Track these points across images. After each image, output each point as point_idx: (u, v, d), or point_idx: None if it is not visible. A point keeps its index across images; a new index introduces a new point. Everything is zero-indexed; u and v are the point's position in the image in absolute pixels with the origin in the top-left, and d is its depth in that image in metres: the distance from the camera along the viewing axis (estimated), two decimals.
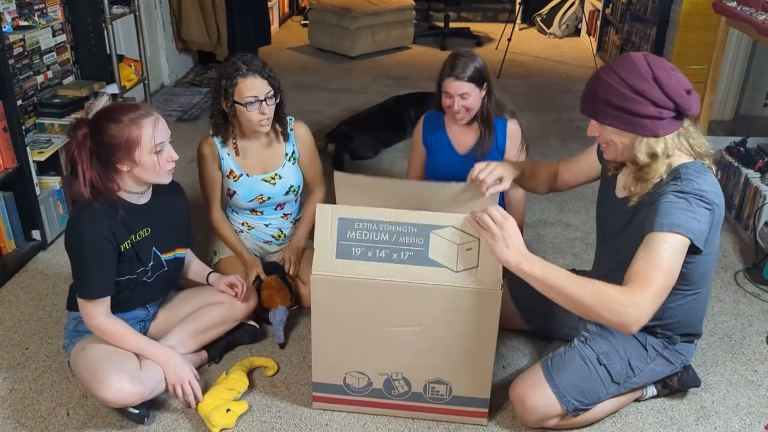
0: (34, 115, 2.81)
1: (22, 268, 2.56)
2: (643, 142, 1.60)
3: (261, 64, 2.13)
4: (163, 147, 1.77)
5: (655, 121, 1.57)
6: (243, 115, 2.13)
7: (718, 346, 2.20)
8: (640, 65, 1.56)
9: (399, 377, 1.79)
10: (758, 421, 1.89)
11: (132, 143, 1.71)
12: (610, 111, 1.60)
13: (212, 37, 4.93)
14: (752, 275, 2.57)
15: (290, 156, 2.32)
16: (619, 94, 1.57)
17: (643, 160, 1.61)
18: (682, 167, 1.61)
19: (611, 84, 1.58)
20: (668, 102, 1.55)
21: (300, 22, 6.90)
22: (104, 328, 1.81)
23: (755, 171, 2.87)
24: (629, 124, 1.59)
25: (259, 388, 1.99)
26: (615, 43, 5.39)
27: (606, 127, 1.63)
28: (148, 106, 1.80)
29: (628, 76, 1.56)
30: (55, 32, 2.94)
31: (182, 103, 4.49)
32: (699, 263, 1.67)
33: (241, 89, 2.09)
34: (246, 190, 2.27)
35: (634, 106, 1.56)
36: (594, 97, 1.62)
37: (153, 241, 1.88)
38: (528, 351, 2.16)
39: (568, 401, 1.74)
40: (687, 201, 1.55)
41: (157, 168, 1.76)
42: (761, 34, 2.72)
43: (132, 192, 1.81)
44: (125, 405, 1.77)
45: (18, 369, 2.05)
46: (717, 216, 1.60)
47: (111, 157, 1.72)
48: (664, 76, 1.55)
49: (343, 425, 1.85)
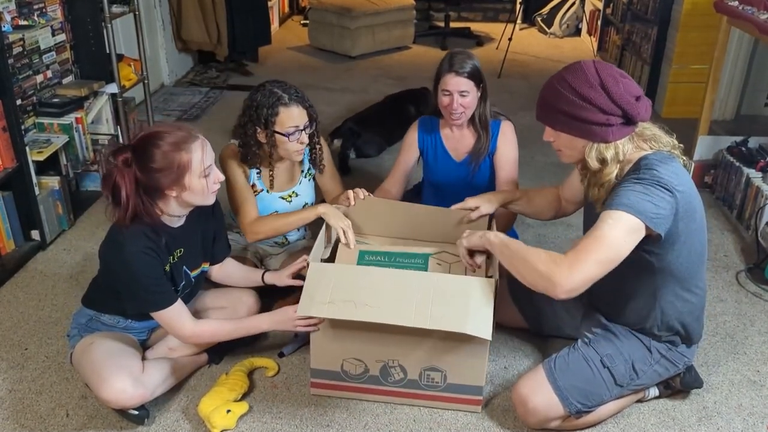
0: (33, 115, 2.80)
1: (21, 269, 2.55)
2: (594, 147, 1.62)
3: (301, 94, 2.10)
4: (211, 170, 1.74)
5: (604, 127, 1.59)
6: (282, 145, 2.09)
7: (720, 347, 2.19)
8: (588, 72, 1.59)
9: (395, 364, 1.82)
10: (761, 421, 1.89)
11: (183, 168, 1.67)
12: (560, 118, 1.63)
13: (212, 36, 4.92)
14: (754, 275, 2.56)
15: (306, 172, 2.30)
16: (567, 101, 1.60)
17: (594, 165, 1.64)
18: (643, 159, 1.62)
19: (561, 91, 1.61)
20: (615, 108, 1.57)
21: (300, 22, 6.89)
22: (197, 334, 1.83)
23: (757, 171, 2.86)
24: (579, 130, 1.62)
25: (259, 388, 1.98)
26: (616, 43, 5.38)
27: (559, 133, 1.67)
28: (191, 128, 1.75)
29: (576, 83, 1.59)
30: (55, 32, 2.93)
31: (182, 103, 4.48)
32: (680, 257, 1.66)
33: (283, 119, 2.05)
34: (262, 206, 2.23)
35: (582, 113, 1.59)
36: (545, 103, 1.66)
37: (184, 261, 1.86)
38: (530, 351, 2.15)
39: (571, 403, 1.73)
40: (642, 185, 1.56)
41: (205, 191, 1.73)
42: (763, 34, 2.71)
43: (173, 215, 1.78)
44: (125, 406, 1.76)
45: (17, 369, 2.04)
46: (682, 202, 1.58)
47: (159, 184, 1.68)
48: (611, 82, 1.57)
49: (344, 426, 1.84)
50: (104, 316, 1.89)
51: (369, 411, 1.90)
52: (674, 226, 1.59)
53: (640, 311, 1.78)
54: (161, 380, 1.84)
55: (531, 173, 3.43)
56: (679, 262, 1.68)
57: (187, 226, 1.85)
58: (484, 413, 1.90)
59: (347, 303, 1.70)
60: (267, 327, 1.92)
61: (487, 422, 1.87)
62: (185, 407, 1.90)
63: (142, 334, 1.98)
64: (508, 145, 2.39)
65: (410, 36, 6.06)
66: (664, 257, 1.65)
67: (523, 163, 3.81)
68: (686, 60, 4.15)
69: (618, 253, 1.54)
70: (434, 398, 1.87)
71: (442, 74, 2.24)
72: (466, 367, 1.81)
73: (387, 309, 1.69)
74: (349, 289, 1.73)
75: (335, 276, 1.78)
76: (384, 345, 1.80)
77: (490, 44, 6.21)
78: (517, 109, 4.29)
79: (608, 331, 1.83)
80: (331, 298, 1.71)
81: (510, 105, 4.39)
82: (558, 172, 3.46)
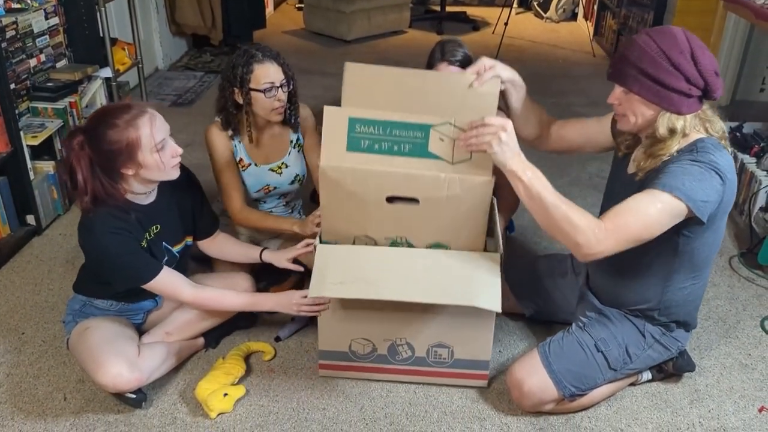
0: (27, 99, 2.78)
1: (17, 253, 2.55)
2: (666, 116, 1.57)
3: (275, 52, 2.11)
4: (164, 144, 1.72)
5: (682, 97, 1.55)
6: (258, 103, 2.10)
7: (713, 330, 2.21)
8: (679, 38, 1.53)
9: (403, 342, 1.83)
10: (752, 404, 1.91)
11: (133, 146, 1.66)
12: (641, 79, 1.55)
13: (206, 20, 4.88)
14: (747, 260, 2.58)
15: (295, 143, 2.31)
16: (653, 63, 1.53)
17: (663, 133, 1.58)
18: (699, 141, 1.58)
19: (647, 52, 1.53)
20: (699, 80, 1.53)
21: (295, 6, 6.84)
22: (198, 299, 1.85)
23: (751, 156, 2.87)
24: (656, 96, 1.55)
25: (256, 372, 1.99)
26: (612, 27, 5.36)
27: (631, 95, 1.59)
28: (141, 104, 1.75)
29: (666, 47, 1.52)
30: (48, 15, 2.91)
31: (177, 88, 4.45)
32: (704, 244, 1.66)
33: (258, 75, 2.06)
34: (254, 180, 2.25)
35: (666, 78, 1.53)
36: (626, 62, 1.57)
37: (163, 237, 1.86)
38: (524, 336, 2.17)
39: (565, 387, 1.75)
40: (699, 168, 1.53)
41: (161, 166, 1.72)
42: (759, 19, 2.71)
43: (139, 193, 1.78)
44: (122, 390, 1.77)
45: (14, 354, 2.05)
46: (728, 192, 1.58)
47: (114, 164, 1.67)
48: (700, 53, 1.52)
49: (340, 410, 1.86)
50: (97, 301, 1.90)
51: (365, 394, 1.92)
52: (713, 214, 1.58)
53: (645, 291, 1.77)
54: (157, 364, 1.85)
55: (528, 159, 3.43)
56: (702, 249, 1.68)
57: (160, 202, 1.84)
58: (479, 396, 1.92)
59: (358, 282, 1.70)
60: (269, 306, 1.94)
61: (481, 405, 1.89)
62: (182, 391, 1.91)
63: (138, 317, 1.99)
64: None
65: (406, 20, 6.03)
66: (692, 241, 1.64)
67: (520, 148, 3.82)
68: None
69: (653, 235, 1.54)
70: (441, 374, 1.88)
71: (435, 63, 2.23)
72: (473, 342, 1.82)
73: (397, 286, 1.69)
74: (358, 268, 1.74)
75: (343, 255, 1.78)
76: (391, 324, 1.81)
77: (486, 29, 6.18)
78: None
79: (602, 315, 1.84)
80: (342, 278, 1.71)
81: None
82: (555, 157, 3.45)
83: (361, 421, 1.83)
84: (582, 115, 1.73)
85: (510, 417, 1.85)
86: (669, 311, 1.78)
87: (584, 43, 5.71)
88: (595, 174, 3.27)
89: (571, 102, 4.18)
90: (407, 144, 1.69)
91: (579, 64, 5.23)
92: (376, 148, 1.70)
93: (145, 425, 1.80)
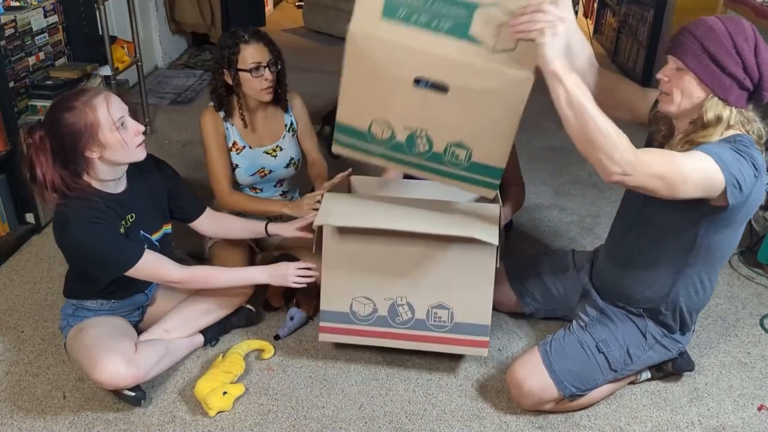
0: (26, 98, 2.78)
1: (16, 252, 2.55)
2: (714, 101, 1.55)
3: (262, 32, 2.14)
4: (124, 121, 1.70)
5: (734, 85, 1.53)
6: (247, 83, 2.12)
7: (712, 329, 2.21)
8: (746, 27, 1.53)
9: (404, 302, 1.83)
10: (751, 402, 1.91)
11: (92, 126, 1.64)
12: (701, 56, 1.53)
13: (206, 18, 4.88)
14: (746, 258, 2.58)
15: (289, 127, 2.32)
16: (718, 43, 1.51)
17: (710, 118, 1.55)
18: (738, 136, 1.57)
19: (715, 31, 1.52)
20: (756, 72, 1.52)
21: (295, 4, 6.84)
22: (189, 278, 1.85)
23: None
24: (711, 77, 1.53)
25: (255, 370, 1.99)
26: (612, 25, 5.36)
27: (684, 73, 1.56)
28: (96, 88, 1.76)
29: (734, 31, 1.51)
30: (47, 13, 2.90)
31: (176, 86, 4.45)
32: (722, 241, 1.65)
33: (245, 56, 2.09)
34: (248, 163, 2.26)
35: (726, 60, 1.51)
36: (690, 36, 1.54)
37: (140, 225, 1.86)
38: (524, 334, 2.17)
39: (566, 387, 1.75)
40: (739, 153, 1.51)
41: (125, 144, 1.69)
42: (759, 17, 2.71)
43: (107, 180, 1.76)
44: (119, 387, 1.77)
45: (14, 352, 2.05)
46: (757, 190, 1.56)
47: (76, 147, 1.65)
48: (763, 47, 1.53)
49: (339, 408, 1.86)
50: (87, 302, 1.89)
51: (364, 393, 1.92)
52: (738, 209, 1.57)
53: (654, 283, 1.76)
54: (155, 361, 1.85)
55: (527, 157, 3.42)
56: (719, 246, 1.66)
57: (131, 190, 1.84)
58: (478, 394, 1.92)
59: (362, 215, 1.74)
60: (263, 279, 1.93)
61: (480, 403, 1.89)
62: (181, 389, 1.91)
63: (133, 316, 1.99)
64: None
65: None
66: (711, 235, 1.62)
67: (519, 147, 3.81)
68: None
69: (678, 192, 1.48)
70: (442, 341, 1.87)
71: None
72: (472, 304, 1.81)
73: (401, 219, 1.73)
74: (363, 205, 1.79)
75: (350, 200, 1.81)
76: (392, 282, 1.81)
77: None
78: None
79: (604, 315, 1.84)
80: (347, 213, 1.76)
81: None
82: (555, 156, 3.46)
83: (360, 419, 1.83)
84: None
85: (509, 415, 1.85)
86: (675, 306, 1.77)
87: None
88: (594, 172, 3.26)
89: None
90: (448, 20, 1.50)
91: None
92: (414, 19, 1.51)
93: (144, 423, 1.80)
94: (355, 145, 1.70)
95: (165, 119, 3.91)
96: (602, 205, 2.99)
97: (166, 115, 3.98)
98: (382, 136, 1.66)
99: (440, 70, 1.53)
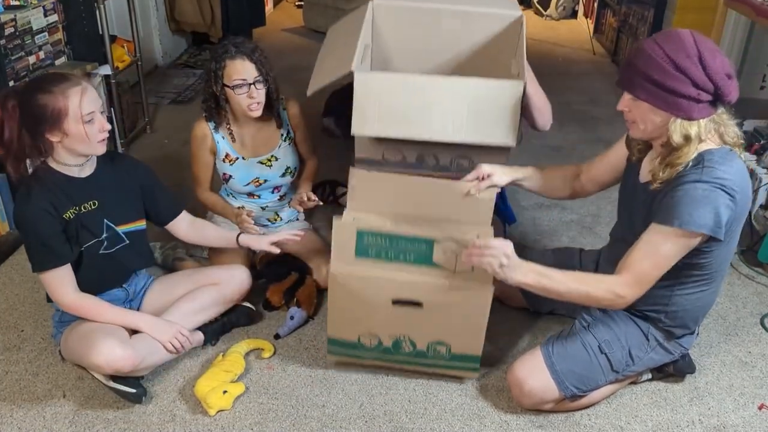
0: None
1: (16, 251, 2.55)
2: (678, 122, 1.54)
3: (251, 48, 2.11)
4: (93, 117, 1.73)
5: (691, 102, 1.51)
6: (233, 98, 2.12)
7: (713, 328, 2.21)
8: (686, 42, 1.50)
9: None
10: (752, 401, 1.91)
11: (59, 113, 1.69)
12: (647, 86, 1.53)
13: (206, 17, 4.88)
14: (747, 258, 2.58)
15: (285, 137, 2.31)
16: (660, 69, 1.50)
17: (678, 141, 1.54)
18: (707, 153, 1.55)
19: (654, 58, 1.51)
20: (709, 84, 1.49)
21: (295, 3, 6.84)
22: (77, 304, 1.83)
23: (751, 154, 2.86)
24: (665, 102, 1.53)
25: (255, 369, 1.99)
26: (612, 25, 5.36)
27: (640, 102, 1.57)
28: (78, 77, 1.78)
29: (672, 52, 1.50)
30: (47, 12, 2.90)
31: (176, 85, 4.45)
32: (718, 254, 1.64)
33: (230, 72, 2.07)
34: (242, 174, 2.26)
35: (673, 84, 1.50)
36: (633, 69, 1.55)
37: (103, 214, 1.87)
38: (524, 333, 2.17)
39: (567, 387, 1.75)
40: (705, 191, 1.51)
41: (86, 139, 1.73)
42: (760, 16, 2.71)
43: (68, 164, 1.79)
44: (117, 370, 1.77)
45: (13, 351, 2.04)
46: (740, 205, 1.55)
47: (39, 127, 1.70)
48: (710, 57, 1.49)
49: (339, 407, 1.86)
50: None
51: (365, 391, 1.91)
52: (728, 228, 1.56)
53: (652, 294, 1.72)
54: (151, 348, 1.85)
55: (526, 156, 3.43)
56: (716, 260, 1.66)
57: (98, 178, 1.86)
58: (478, 393, 1.92)
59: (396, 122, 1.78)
60: (145, 329, 1.87)
61: (481, 402, 1.89)
62: (182, 388, 1.91)
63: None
64: None
65: None
66: (707, 255, 1.62)
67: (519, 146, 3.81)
68: None
69: (671, 265, 1.58)
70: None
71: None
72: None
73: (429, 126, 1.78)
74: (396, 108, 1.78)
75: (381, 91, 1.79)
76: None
77: None
78: None
79: (607, 315, 1.82)
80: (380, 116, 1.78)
81: None
82: (554, 155, 3.46)
83: (360, 418, 1.83)
84: (581, 112, 1.73)
85: (509, 414, 1.85)
86: (675, 315, 1.76)
87: (584, 41, 5.71)
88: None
89: (570, 100, 4.17)
90: (413, 253, 1.79)
91: (579, 62, 5.23)
92: (383, 255, 1.80)
93: (144, 422, 1.80)
94: (348, 354, 1.94)
95: (165, 118, 3.91)
96: (602, 204, 2.98)
97: (166, 115, 3.98)
98: (371, 344, 1.90)
99: (413, 291, 1.80)
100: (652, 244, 1.55)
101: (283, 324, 2.13)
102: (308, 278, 2.24)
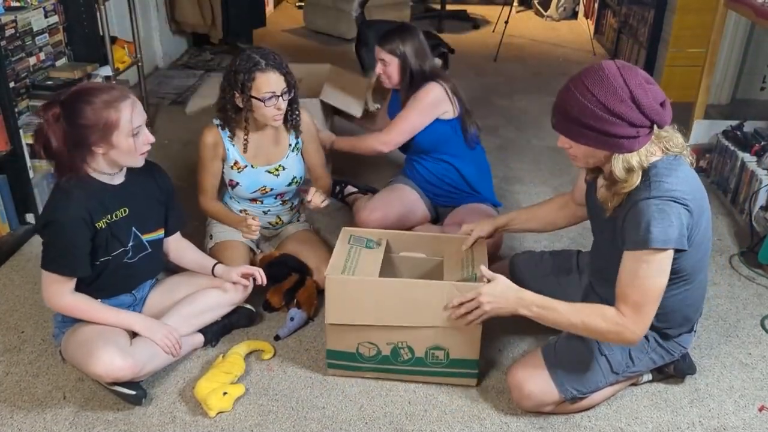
0: (26, 98, 2.78)
1: (16, 252, 2.55)
2: (620, 158, 1.55)
3: (279, 60, 2.11)
4: (140, 130, 1.75)
5: (631, 139, 1.53)
6: (259, 110, 2.11)
7: (713, 330, 2.21)
8: (615, 83, 1.49)
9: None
10: (752, 403, 1.91)
11: (110, 127, 1.69)
12: (585, 132, 1.54)
13: (206, 18, 4.88)
14: (747, 259, 2.58)
15: (294, 146, 2.31)
16: (595, 116, 1.51)
17: (621, 176, 1.56)
18: (651, 167, 1.57)
19: (587, 105, 1.51)
20: (645, 121, 1.51)
21: (295, 4, 6.84)
22: (71, 306, 1.82)
23: (752, 155, 2.87)
24: (605, 144, 1.55)
25: (255, 371, 1.99)
26: (612, 25, 5.36)
27: (580, 144, 1.59)
28: (123, 88, 1.78)
29: (604, 97, 1.49)
30: (47, 13, 2.90)
31: (177, 86, 4.45)
32: (688, 256, 1.64)
33: (260, 84, 2.06)
34: (249, 182, 2.25)
35: (611, 128, 1.51)
36: (567, 116, 1.56)
37: (132, 221, 1.87)
38: (524, 335, 2.16)
39: (567, 390, 1.75)
40: (658, 207, 1.52)
41: (133, 151, 1.75)
42: (760, 17, 2.71)
43: (104, 172, 1.80)
44: (117, 378, 1.77)
45: (14, 352, 2.04)
46: (696, 209, 1.57)
47: (87, 140, 1.70)
48: (641, 94, 1.49)
49: (339, 409, 1.86)
50: None
51: (365, 393, 1.91)
52: (690, 232, 1.57)
53: None
54: (151, 354, 1.85)
55: (527, 158, 3.43)
56: (686, 262, 1.66)
57: (129, 185, 1.86)
58: (478, 395, 1.92)
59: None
60: (136, 328, 1.87)
61: (481, 404, 1.89)
62: (182, 390, 1.91)
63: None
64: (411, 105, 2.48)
65: (406, 18, 6.00)
66: (678, 262, 1.62)
67: (519, 147, 3.82)
68: (683, 43, 4.13)
69: (665, 284, 1.58)
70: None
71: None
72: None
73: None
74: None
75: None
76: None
77: (486, 27, 6.17)
78: (514, 93, 4.28)
79: None
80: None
81: (506, 88, 4.38)
82: (555, 156, 3.46)
83: (360, 420, 1.83)
84: None
85: (509, 416, 1.85)
86: (666, 317, 1.75)
87: (585, 42, 5.71)
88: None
89: None
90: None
91: (579, 63, 5.22)
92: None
93: (145, 424, 1.80)
94: (347, 366, 1.95)
95: (165, 119, 3.91)
96: None
97: (166, 115, 3.98)
98: (370, 354, 1.91)
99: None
100: (631, 272, 1.57)
101: (283, 325, 2.13)
102: (308, 279, 2.24)
